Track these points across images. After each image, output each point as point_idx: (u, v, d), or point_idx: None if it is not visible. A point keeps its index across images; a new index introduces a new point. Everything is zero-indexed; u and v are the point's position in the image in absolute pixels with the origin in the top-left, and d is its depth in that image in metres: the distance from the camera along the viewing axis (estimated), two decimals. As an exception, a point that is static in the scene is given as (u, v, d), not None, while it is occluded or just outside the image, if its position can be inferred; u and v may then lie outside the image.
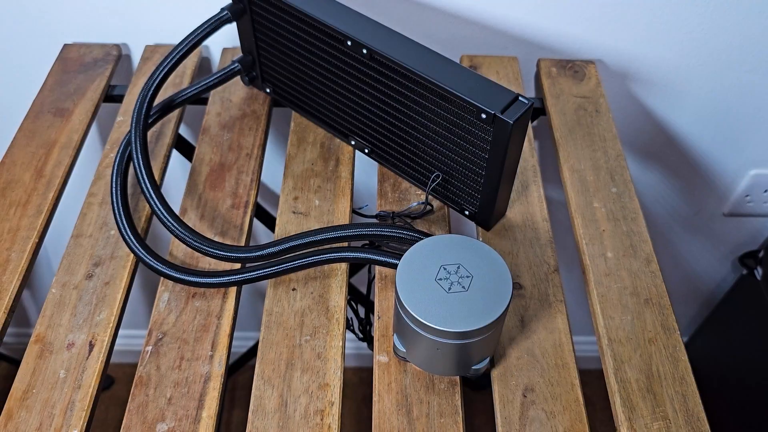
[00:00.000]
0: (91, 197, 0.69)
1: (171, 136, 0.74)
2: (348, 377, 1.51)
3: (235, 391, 1.46)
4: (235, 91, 0.79)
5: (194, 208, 0.68)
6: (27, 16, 0.83)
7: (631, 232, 0.66)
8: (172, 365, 0.57)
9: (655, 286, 0.62)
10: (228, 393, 1.46)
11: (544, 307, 0.61)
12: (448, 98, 0.58)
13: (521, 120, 0.56)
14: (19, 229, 0.66)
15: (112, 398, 1.43)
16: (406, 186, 0.70)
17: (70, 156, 0.72)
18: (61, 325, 0.59)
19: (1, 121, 0.95)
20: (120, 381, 1.48)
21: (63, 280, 0.62)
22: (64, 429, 0.53)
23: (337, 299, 0.61)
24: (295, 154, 0.73)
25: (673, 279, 1.22)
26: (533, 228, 0.66)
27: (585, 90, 0.80)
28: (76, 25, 0.84)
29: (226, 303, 0.61)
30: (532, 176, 0.71)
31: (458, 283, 0.52)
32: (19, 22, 0.84)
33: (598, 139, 0.75)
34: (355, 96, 0.67)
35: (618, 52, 0.85)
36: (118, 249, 0.65)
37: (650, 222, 1.09)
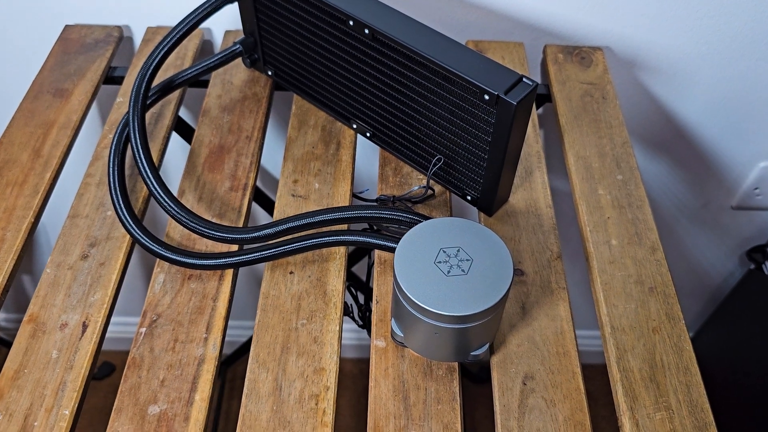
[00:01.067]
0: (88, 178, 0.68)
1: (170, 118, 0.74)
2: (348, 368, 1.50)
3: (234, 381, 1.45)
4: (237, 73, 0.78)
5: (192, 190, 0.67)
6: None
7: (636, 220, 0.65)
8: (165, 347, 0.56)
9: (660, 275, 0.61)
10: (227, 383, 1.45)
11: (546, 294, 0.60)
12: (451, 79, 0.57)
13: (525, 101, 0.54)
14: (15, 209, 0.65)
15: (111, 386, 1.43)
16: (407, 170, 0.69)
17: (68, 136, 0.71)
18: (55, 305, 0.59)
19: (1, 101, 0.94)
20: (121, 369, 1.47)
21: (58, 260, 0.62)
22: (55, 410, 0.53)
23: (335, 283, 0.60)
24: (295, 137, 0.72)
25: (679, 272, 1.20)
26: (536, 214, 0.65)
27: (592, 76, 0.79)
28: (78, 6, 0.83)
29: (223, 285, 0.60)
30: (536, 162, 0.70)
31: (458, 266, 0.51)
32: (20, 2, 0.83)
33: (604, 126, 0.73)
34: (357, 78, 0.66)
35: (626, 39, 0.84)
36: (115, 230, 0.64)
37: (656, 214, 1.08)
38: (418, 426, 0.52)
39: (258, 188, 0.96)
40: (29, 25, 0.85)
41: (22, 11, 0.84)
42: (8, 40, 0.87)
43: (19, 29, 0.86)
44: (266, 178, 1.05)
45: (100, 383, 1.46)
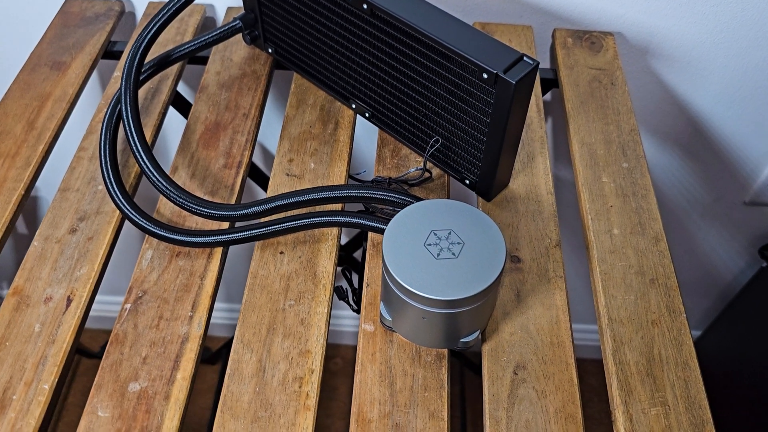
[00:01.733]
0: (81, 151, 0.67)
1: (167, 93, 0.72)
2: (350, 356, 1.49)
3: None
4: (237, 50, 0.77)
5: (185, 166, 0.66)
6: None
7: (640, 209, 0.63)
8: (149, 324, 0.55)
9: (663, 266, 0.59)
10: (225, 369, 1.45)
11: (543, 282, 0.58)
12: (450, 57, 0.55)
13: (525, 80, 0.52)
14: (6, 181, 0.64)
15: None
16: (406, 152, 0.67)
17: (63, 109, 0.70)
18: (41, 278, 0.58)
19: (2, 76, 0.94)
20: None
21: (46, 233, 0.61)
22: (35, 384, 0.52)
23: (326, 265, 0.59)
24: (293, 115, 0.70)
25: (687, 269, 1.18)
26: (536, 200, 0.63)
27: (601, 62, 0.76)
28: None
29: (211, 263, 0.59)
30: (539, 147, 0.67)
31: (448, 249, 0.49)
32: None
33: (612, 113, 0.71)
34: (356, 56, 0.64)
35: (639, 24, 0.81)
36: (105, 204, 0.63)
37: (665, 207, 1.05)
38: (403, 413, 0.50)
39: (256, 166, 0.94)
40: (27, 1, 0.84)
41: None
42: (8, 12, 0.86)
43: (19, 1, 0.85)
44: (266, 156, 1.04)
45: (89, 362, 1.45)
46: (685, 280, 1.19)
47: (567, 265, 1.19)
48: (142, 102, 0.71)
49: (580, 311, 1.29)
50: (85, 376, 1.44)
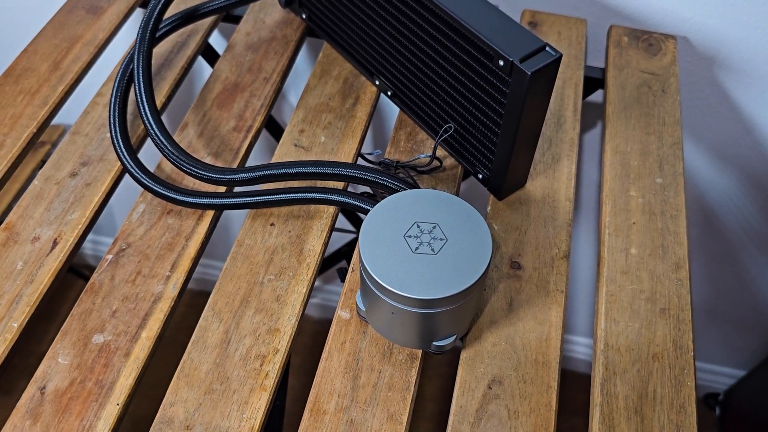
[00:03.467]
0: (98, 97, 0.66)
1: (194, 49, 0.71)
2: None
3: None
4: (272, 12, 0.74)
5: (196, 124, 0.64)
6: None
7: (666, 231, 0.57)
8: (126, 278, 0.54)
9: (678, 296, 0.53)
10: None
11: (541, 294, 0.53)
12: (469, 39, 0.51)
13: (543, 73, 0.47)
14: (21, 117, 0.64)
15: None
16: (422, 137, 0.63)
17: (90, 53, 0.70)
18: (33, 217, 0.58)
19: (42, 11, 0.95)
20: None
21: (48, 173, 0.61)
22: (5, 321, 0.51)
23: (314, 243, 0.56)
24: (314, 85, 0.67)
25: (737, 303, 1.09)
26: (552, 206, 0.58)
27: (656, 66, 0.70)
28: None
29: (199, 226, 0.57)
30: (567, 150, 0.62)
31: (428, 244, 0.45)
32: None
33: (656, 122, 0.65)
34: (383, 31, 0.61)
35: (708, 30, 0.74)
36: (109, 153, 0.62)
37: (719, 234, 0.97)
38: (361, 409, 0.47)
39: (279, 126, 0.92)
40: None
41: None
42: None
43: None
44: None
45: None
46: (733, 314, 1.10)
47: (576, 274, 1.12)
48: (167, 55, 0.70)
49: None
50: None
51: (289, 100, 0.98)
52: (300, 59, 0.88)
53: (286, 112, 1.00)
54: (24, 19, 0.98)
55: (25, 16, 0.98)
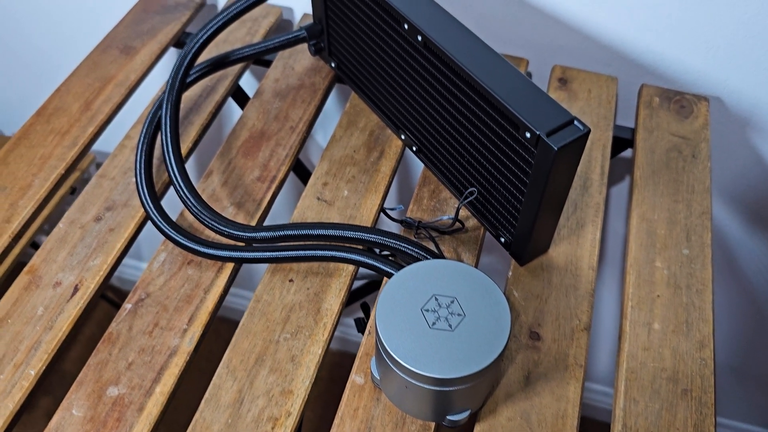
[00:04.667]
0: (126, 140, 0.67)
1: (223, 94, 0.71)
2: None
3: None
4: (301, 59, 0.75)
5: (220, 172, 0.65)
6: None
7: (691, 306, 0.56)
8: (144, 329, 0.54)
9: (702, 377, 0.52)
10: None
11: (559, 368, 0.52)
12: (496, 107, 0.50)
13: (570, 148, 0.47)
14: (50, 158, 0.65)
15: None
16: (445, 196, 0.63)
17: (121, 95, 0.71)
18: (56, 261, 0.58)
19: (79, 50, 0.97)
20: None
21: (73, 217, 0.61)
22: (23, 367, 0.52)
23: (332, 302, 0.56)
24: (340, 136, 0.68)
25: (762, 362, 1.06)
26: (575, 274, 0.57)
27: (687, 129, 0.69)
28: (171, -34, 0.83)
29: (219, 278, 0.57)
30: (592, 215, 0.61)
31: (446, 319, 0.44)
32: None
33: (685, 189, 0.64)
34: (409, 87, 0.61)
35: (742, 93, 0.72)
36: (134, 198, 0.63)
37: (747, 296, 0.95)
38: (370, 482, 0.47)
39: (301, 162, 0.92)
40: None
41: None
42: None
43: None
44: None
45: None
46: (758, 372, 1.07)
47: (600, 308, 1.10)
48: (196, 99, 0.70)
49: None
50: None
51: (315, 138, 0.98)
52: (330, 102, 0.89)
53: (310, 149, 1.01)
54: (59, 58, 1.00)
55: (61, 55, 1.00)
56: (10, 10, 0.96)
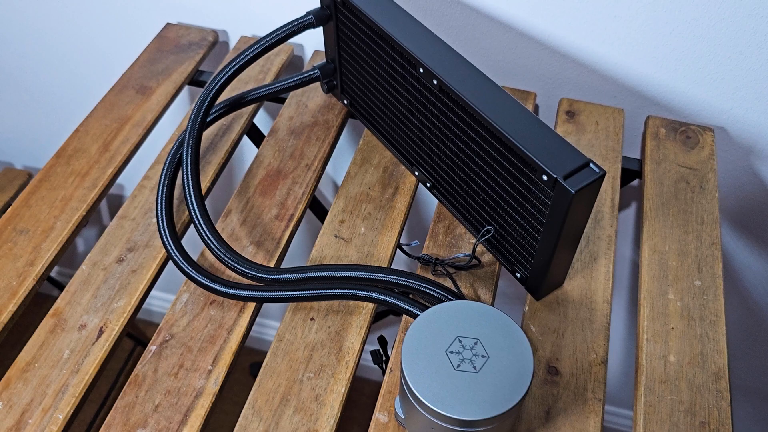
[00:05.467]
0: (145, 180, 0.68)
1: (239, 132, 0.73)
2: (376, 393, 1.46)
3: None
4: (314, 96, 0.76)
5: (239, 211, 0.66)
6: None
7: (705, 338, 0.57)
8: (169, 371, 0.55)
9: (719, 409, 0.53)
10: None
11: (579, 402, 0.53)
12: (512, 149, 0.52)
13: (586, 190, 0.48)
14: (71, 200, 0.66)
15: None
16: (460, 231, 0.64)
17: (138, 135, 0.72)
18: (80, 304, 0.59)
19: (94, 90, 0.98)
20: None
21: (95, 258, 0.62)
22: (51, 411, 0.53)
23: (353, 340, 0.57)
24: (354, 173, 0.69)
25: None
26: (590, 308, 0.59)
27: (693, 160, 0.70)
28: (183, 5, 0.85)
29: (241, 318, 0.58)
30: (604, 248, 0.63)
31: (470, 361, 0.46)
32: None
33: (694, 220, 0.65)
34: (423, 126, 0.62)
35: (745, 122, 0.74)
36: (155, 238, 0.64)
37: (756, 317, 0.96)
38: None
39: (316, 198, 0.94)
40: (132, 20, 0.88)
41: (126, 5, 0.87)
42: (111, 34, 0.90)
43: (123, 21, 0.88)
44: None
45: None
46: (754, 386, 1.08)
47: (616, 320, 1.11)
48: (212, 138, 0.72)
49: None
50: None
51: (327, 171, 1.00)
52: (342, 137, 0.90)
53: (322, 183, 1.02)
54: (76, 97, 1.02)
55: (77, 95, 1.01)
56: (26, 51, 0.98)
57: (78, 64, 0.96)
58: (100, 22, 0.89)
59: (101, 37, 0.91)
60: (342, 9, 0.64)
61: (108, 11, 0.88)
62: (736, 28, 0.67)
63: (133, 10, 0.87)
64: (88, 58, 0.94)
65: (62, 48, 0.95)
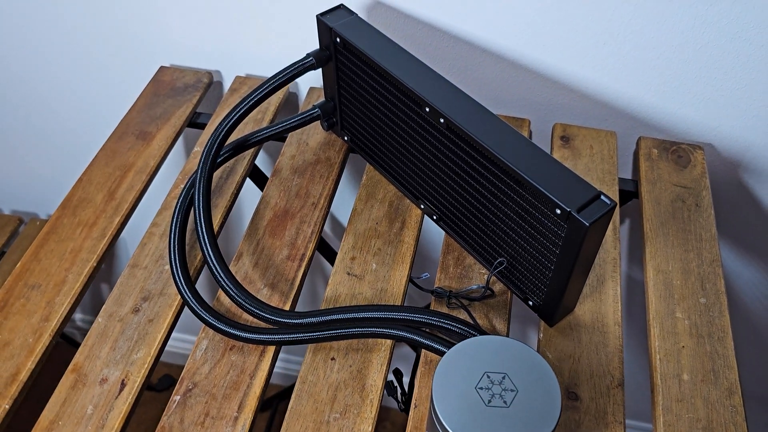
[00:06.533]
0: (153, 227, 0.69)
1: (242, 174, 0.74)
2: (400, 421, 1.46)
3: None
4: (313, 134, 0.78)
5: (250, 253, 0.66)
6: (129, 35, 0.85)
7: (715, 354, 0.59)
8: (195, 420, 0.55)
9: (735, 425, 0.55)
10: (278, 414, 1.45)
11: (600, 426, 0.55)
12: (523, 184, 0.53)
13: (600, 222, 0.50)
14: (81, 251, 0.66)
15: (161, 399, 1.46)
16: (470, 262, 0.65)
17: (143, 182, 0.73)
18: (100, 357, 0.59)
19: (94, 136, 0.98)
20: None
21: (111, 310, 0.62)
22: (80, 470, 0.53)
23: (375, 378, 0.57)
24: (361, 209, 0.70)
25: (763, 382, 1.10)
26: (602, 331, 0.60)
27: (687, 179, 0.73)
28: (175, 47, 0.86)
29: (262, 362, 0.59)
30: (610, 271, 0.64)
31: (500, 396, 0.47)
32: (121, 39, 0.86)
33: (694, 239, 0.67)
34: (429, 161, 0.63)
35: (732, 139, 0.77)
36: (169, 286, 0.64)
37: (745, 321, 0.99)
38: None
39: (323, 239, 0.95)
40: (126, 64, 0.88)
41: (121, 48, 0.87)
42: (107, 76, 0.90)
43: (117, 65, 0.89)
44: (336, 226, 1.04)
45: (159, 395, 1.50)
46: (759, 392, 1.11)
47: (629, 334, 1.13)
48: (216, 182, 0.72)
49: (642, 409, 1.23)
50: (143, 406, 1.47)
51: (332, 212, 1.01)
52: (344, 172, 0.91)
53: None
54: (78, 146, 1.02)
55: (78, 144, 1.01)
56: (20, 102, 0.97)
57: (75, 112, 0.96)
58: (94, 68, 0.90)
59: (96, 83, 0.91)
60: (342, 50, 0.66)
61: (100, 57, 0.88)
62: (720, 51, 0.70)
63: (126, 54, 0.87)
64: (84, 105, 0.95)
65: (57, 96, 0.94)
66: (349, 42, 0.64)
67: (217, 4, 0.79)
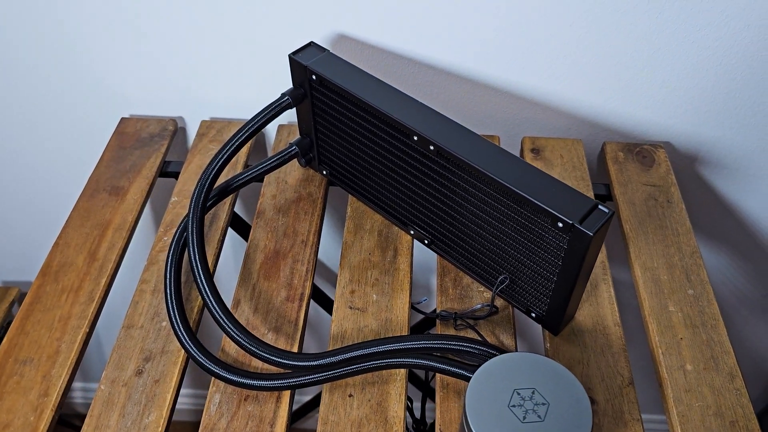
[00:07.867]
0: (143, 284, 0.67)
1: (225, 220, 0.73)
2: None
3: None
4: (291, 171, 0.77)
5: (248, 299, 0.66)
6: (85, 88, 0.83)
7: (711, 342, 0.62)
8: (222, 478, 0.54)
9: (741, 406, 0.58)
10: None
11: (619, 426, 0.56)
12: (521, 202, 0.55)
13: (601, 231, 0.52)
14: (70, 318, 0.64)
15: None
16: (467, 281, 0.67)
17: (123, 238, 0.71)
18: (109, 426, 0.57)
19: (61, 196, 0.95)
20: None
21: (112, 375, 0.60)
22: None
23: (396, 408, 0.58)
24: (351, 242, 0.70)
25: (737, 362, 1.15)
26: (604, 333, 0.62)
27: (655, 177, 0.76)
28: (134, 97, 0.84)
29: (280, 408, 0.58)
30: (601, 274, 0.67)
31: (533, 411, 0.48)
32: (78, 93, 0.84)
33: (671, 233, 0.71)
34: (416, 188, 0.64)
35: (687, 135, 0.81)
36: (170, 343, 0.62)
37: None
38: None
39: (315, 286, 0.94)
40: (87, 117, 0.86)
41: (76, 104, 0.85)
42: (65, 133, 0.88)
43: (77, 120, 0.86)
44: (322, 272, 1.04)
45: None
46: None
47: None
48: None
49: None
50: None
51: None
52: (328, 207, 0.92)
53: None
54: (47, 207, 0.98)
55: (47, 205, 0.97)
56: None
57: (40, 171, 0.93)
58: (54, 124, 0.87)
59: (57, 139, 0.88)
60: (318, 86, 0.66)
61: (58, 111, 0.85)
62: (672, 56, 0.74)
63: (85, 107, 0.85)
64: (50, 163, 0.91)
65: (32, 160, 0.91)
66: (326, 78, 0.64)
67: (173, 51, 0.78)
